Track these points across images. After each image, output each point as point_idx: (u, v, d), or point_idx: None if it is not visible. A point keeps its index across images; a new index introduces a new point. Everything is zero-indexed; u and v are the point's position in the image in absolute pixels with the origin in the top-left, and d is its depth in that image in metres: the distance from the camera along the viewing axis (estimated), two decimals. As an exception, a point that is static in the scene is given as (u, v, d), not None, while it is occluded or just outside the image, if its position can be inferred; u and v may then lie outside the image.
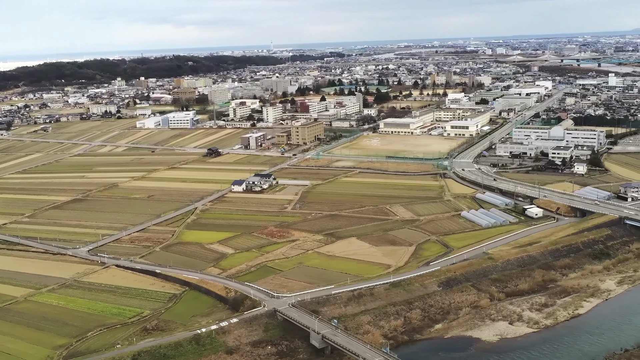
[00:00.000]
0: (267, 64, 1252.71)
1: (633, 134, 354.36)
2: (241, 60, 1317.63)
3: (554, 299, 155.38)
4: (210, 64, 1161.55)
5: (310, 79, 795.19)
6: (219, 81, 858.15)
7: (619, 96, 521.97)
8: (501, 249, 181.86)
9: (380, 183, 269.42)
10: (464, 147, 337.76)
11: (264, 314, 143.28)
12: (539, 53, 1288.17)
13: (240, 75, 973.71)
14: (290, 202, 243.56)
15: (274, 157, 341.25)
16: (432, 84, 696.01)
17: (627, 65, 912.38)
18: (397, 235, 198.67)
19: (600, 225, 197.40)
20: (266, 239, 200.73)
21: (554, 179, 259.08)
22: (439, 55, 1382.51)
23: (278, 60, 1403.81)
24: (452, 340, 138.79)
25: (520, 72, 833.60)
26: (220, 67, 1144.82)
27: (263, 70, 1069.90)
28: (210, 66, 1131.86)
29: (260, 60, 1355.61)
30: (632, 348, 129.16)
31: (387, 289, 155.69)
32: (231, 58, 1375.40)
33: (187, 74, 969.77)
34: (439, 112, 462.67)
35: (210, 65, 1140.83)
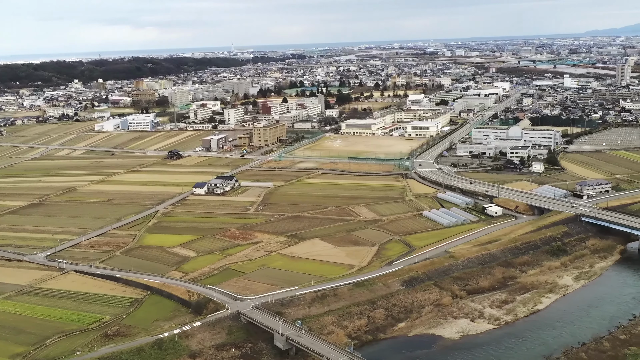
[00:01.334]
0: (228, 66, 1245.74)
1: (587, 133, 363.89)
2: (202, 62, 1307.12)
3: (514, 295, 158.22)
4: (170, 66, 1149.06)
5: (271, 81, 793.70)
6: (179, 83, 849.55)
7: (573, 97, 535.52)
8: (462, 247, 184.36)
9: (342, 184, 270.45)
10: (424, 148, 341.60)
11: (227, 316, 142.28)
12: (496, 55, 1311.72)
13: (201, 77, 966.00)
14: (252, 204, 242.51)
15: (236, 159, 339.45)
16: (393, 85, 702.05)
17: (581, 66, 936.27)
18: (360, 236, 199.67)
19: (557, 222, 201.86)
20: (229, 242, 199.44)
21: (513, 177, 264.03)
22: (399, 57, 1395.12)
23: (239, 61, 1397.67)
24: (416, 338, 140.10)
25: (479, 74, 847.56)
26: (181, 69, 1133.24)
27: (224, 72, 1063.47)
28: (170, 68, 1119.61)
29: (221, 62, 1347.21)
30: (589, 342, 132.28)
31: (350, 289, 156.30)
32: (191, 60, 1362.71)
33: (146, 76, 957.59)
34: (400, 113, 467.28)
35: (170, 67, 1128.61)
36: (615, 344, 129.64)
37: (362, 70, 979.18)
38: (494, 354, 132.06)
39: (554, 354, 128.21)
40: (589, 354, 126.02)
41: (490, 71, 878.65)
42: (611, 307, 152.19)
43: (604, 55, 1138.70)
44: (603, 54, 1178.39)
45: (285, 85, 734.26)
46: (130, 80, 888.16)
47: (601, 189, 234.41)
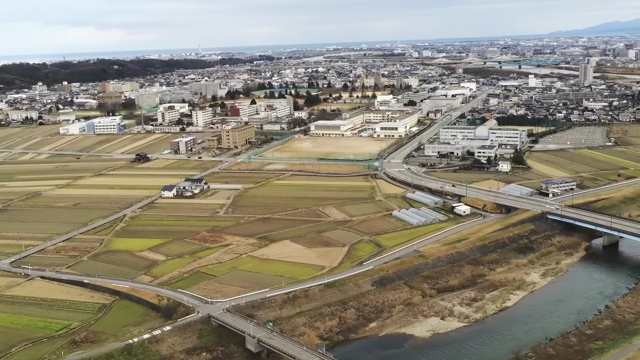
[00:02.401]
0: (196, 68, 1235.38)
1: (552, 132, 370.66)
2: (169, 64, 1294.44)
3: (483, 293, 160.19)
4: (136, 68, 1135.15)
5: (240, 83, 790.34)
6: (146, 85, 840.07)
7: (538, 97, 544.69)
8: (431, 246, 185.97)
9: (312, 185, 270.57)
10: (393, 148, 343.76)
11: (198, 320, 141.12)
12: (463, 56, 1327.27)
13: (168, 79, 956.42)
14: (222, 207, 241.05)
15: (205, 161, 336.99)
16: (362, 86, 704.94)
17: (546, 67, 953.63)
18: (330, 237, 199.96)
19: (524, 220, 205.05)
20: (199, 245, 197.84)
21: (480, 177, 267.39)
22: (367, 58, 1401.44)
23: (207, 63, 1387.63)
24: (387, 337, 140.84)
25: (446, 74, 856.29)
26: (147, 71, 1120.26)
27: (192, 73, 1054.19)
28: (137, 70, 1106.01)
29: (189, 64, 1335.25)
30: (557, 337, 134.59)
31: (321, 290, 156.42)
32: (158, 62, 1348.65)
33: (112, 78, 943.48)
34: (369, 114, 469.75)
35: (137, 69, 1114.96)
36: (582, 339, 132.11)
37: (330, 71, 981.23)
38: (465, 352, 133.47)
39: (522, 350, 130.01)
40: (556, 349, 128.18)
41: (457, 72, 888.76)
42: (578, 303, 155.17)
43: (567, 56, 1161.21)
44: (566, 55, 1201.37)
45: (253, 87, 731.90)
46: (96, 83, 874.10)
47: (566, 187, 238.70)
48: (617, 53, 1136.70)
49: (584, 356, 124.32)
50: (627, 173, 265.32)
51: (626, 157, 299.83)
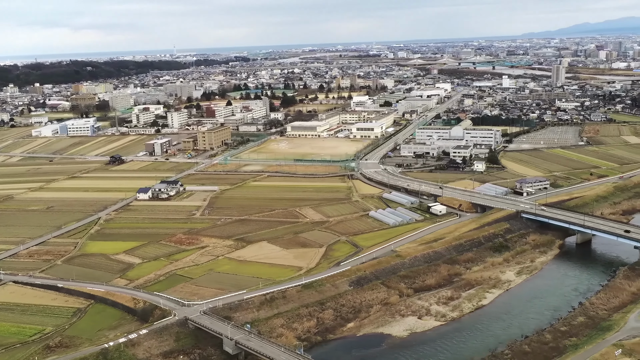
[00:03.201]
0: (171, 69, 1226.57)
1: (526, 132, 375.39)
2: (143, 65, 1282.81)
3: (459, 292, 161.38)
4: (110, 69, 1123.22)
5: (215, 84, 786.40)
6: (120, 87, 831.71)
7: (512, 97, 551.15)
8: (408, 246, 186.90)
9: (289, 186, 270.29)
10: (370, 149, 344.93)
11: (174, 323, 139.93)
12: (438, 57, 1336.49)
13: (142, 81, 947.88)
14: (198, 208, 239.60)
15: (181, 163, 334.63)
16: (337, 87, 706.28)
17: (519, 67, 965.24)
18: (307, 237, 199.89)
19: (499, 219, 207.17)
20: (175, 247, 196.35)
21: (456, 176, 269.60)
22: (343, 59, 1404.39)
23: (182, 65, 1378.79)
24: (364, 337, 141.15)
25: (421, 75, 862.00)
26: (122, 73, 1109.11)
27: (166, 75, 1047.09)
28: (111, 71, 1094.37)
29: (164, 65, 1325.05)
30: (532, 334, 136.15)
31: (299, 290, 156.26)
32: (132, 63, 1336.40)
33: (85, 80, 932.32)
34: (345, 115, 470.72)
35: (111, 71, 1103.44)
36: (557, 336, 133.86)
37: (306, 72, 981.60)
38: (442, 350, 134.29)
39: (498, 348, 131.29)
40: (531, 346, 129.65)
41: (432, 73, 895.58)
42: (553, 300, 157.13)
43: (540, 57, 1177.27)
44: (539, 56, 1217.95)
45: (229, 88, 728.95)
46: (69, 84, 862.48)
47: (540, 186, 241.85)
48: (588, 54, 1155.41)
49: (558, 353, 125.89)
50: (599, 172, 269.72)
51: (598, 156, 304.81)
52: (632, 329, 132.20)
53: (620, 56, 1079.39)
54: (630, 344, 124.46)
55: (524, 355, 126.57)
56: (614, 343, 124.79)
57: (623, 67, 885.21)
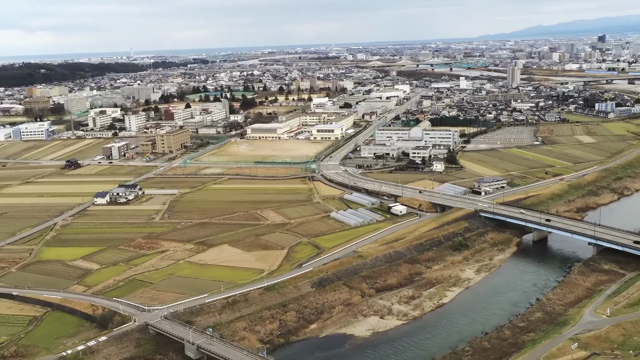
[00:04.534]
0: (128, 71, 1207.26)
1: (483, 132, 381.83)
2: (99, 68, 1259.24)
3: (420, 290, 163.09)
4: (65, 72, 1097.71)
5: (174, 86, 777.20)
6: (75, 90, 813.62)
7: (469, 98, 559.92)
8: (370, 246, 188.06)
9: (250, 188, 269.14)
10: (330, 150, 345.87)
11: (135, 329, 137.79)
12: (396, 58, 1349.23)
13: (99, 83, 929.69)
14: (158, 212, 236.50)
15: (139, 166, 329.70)
16: (297, 89, 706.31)
17: (476, 69, 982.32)
18: (269, 240, 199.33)
19: (458, 218, 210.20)
20: (134, 252, 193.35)
21: (416, 177, 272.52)
22: (302, 61, 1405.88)
23: (139, 67, 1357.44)
24: (327, 338, 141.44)
25: (380, 77, 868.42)
26: (77, 75, 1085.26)
27: (123, 77, 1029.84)
28: (66, 74, 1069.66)
29: (120, 68, 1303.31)
30: (492, 331, 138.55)
31: (261, 293, 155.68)
32: (88, 65, 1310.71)
33: (39, 83, 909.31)
34: (305, 117, 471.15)
35: (66, 73, 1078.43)
36: (515, 332, 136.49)
37: (266, 74, 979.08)
38: (404, 349, 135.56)
39: (459, 345, 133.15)
40: (491, 343, 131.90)
41: (391, 74, 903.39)
42: (511, 296, 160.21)
43: (496, 59, 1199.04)
44: (495, 57, 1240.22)
45: (188, 91, 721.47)
46: (22, 87, 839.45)
47: (497, 185, 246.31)
48: (542, 56, 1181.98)
49: (517, 348, 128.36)
50: (553, 171, 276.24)
51: (552, 155, 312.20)
52: (587, 323, 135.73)
53: (572, 58, 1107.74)
54: (585, 337, 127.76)
55: (484, 351, 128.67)
56: (570, 337, 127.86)
57: (575, 68, 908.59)
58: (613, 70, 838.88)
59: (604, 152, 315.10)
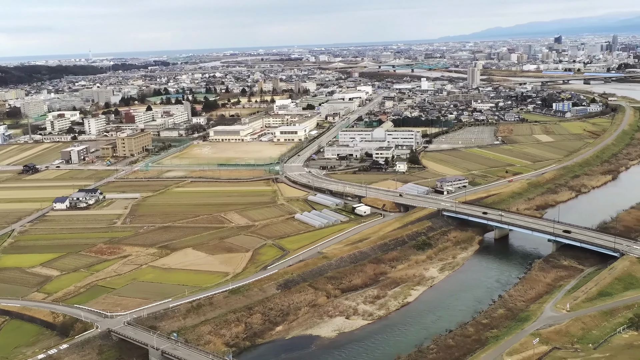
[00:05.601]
0: (87, 74, 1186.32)
1: (445, 133, 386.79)
2: (57, 70, 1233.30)
3: (385, 290, 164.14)
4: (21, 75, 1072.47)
5: (134, 89, 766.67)
6: (32, 93, 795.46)
7: (431, 99, 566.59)
8: (334, 247, 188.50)
9: (213, 191, 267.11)
10: (294, 152, 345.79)
11: (97, 335, 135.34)
12: (358, 60, 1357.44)
13: (56, 86, 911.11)
14: (119, 217, 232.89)
15: (100, 170, 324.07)
16: (260, 91, 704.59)
17: (437, 70, 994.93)
18: (233, 242, 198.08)
19: (421, 218, 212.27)
20: (95, 257, 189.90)
21: (379, 177, 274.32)
22: (264, 63, 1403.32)
23: (98, 69, 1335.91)
24: (293, 340, 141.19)
25: (343, 78, 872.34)
26: (34, 78, 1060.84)
27: (82, 80, 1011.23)
28: (22, 77, 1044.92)
29: (79, 70, 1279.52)
30: (455, 328, 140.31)
31: (226, 296, 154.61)
32: (45, 68, 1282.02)
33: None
34: (268, 119, 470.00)
35: (22, 76, 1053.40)
36: (479, 328, 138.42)
37: (228, 76, 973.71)
38: (370, 348, 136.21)
39: (424, 343, 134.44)
40: (455, 340, 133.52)
41: (353, 76, 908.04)
42: (475, 293, 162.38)
43: (456, 60, 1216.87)
44: (455, 59, 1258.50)
45: (149, 93, 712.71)
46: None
47: (459, 184, 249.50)
48: (501, 57, 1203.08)
49: (480, 344, 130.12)
50: (514, 169, 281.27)
51: (512, 154, 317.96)
52: (548, 318, 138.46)
53: (530, 59, 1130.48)
54: (546, 332, 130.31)
55: (448, 348, 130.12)
56: (532, 332, 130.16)
57: (533, 69, 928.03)
58: (569, 71, 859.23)
59: (562, 150, 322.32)
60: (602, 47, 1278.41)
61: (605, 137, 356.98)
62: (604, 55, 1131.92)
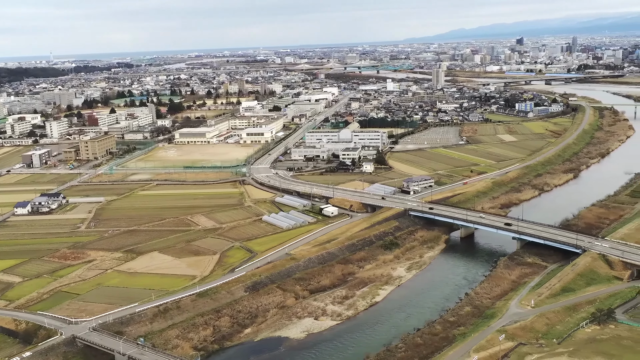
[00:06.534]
0: (48, 76, 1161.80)
1: (410, 133, 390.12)
2: (17, 72, 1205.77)
3: (354, 290, 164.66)
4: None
5: (97, 91, 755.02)
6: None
7: (396, 100, 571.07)
8: (302, 248, 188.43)
9: (179, 194, 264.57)
10: (260, 153, 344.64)
11: (61, 342, 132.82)
12: (324, 61, 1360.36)
13: (16, 89, 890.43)
14: (83, 221, 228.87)
15: (62, 174, 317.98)
16: (226, 93, 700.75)
17: (402, 71, 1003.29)
18: (200, 245, 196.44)
19: (388, 218, 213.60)
20: (59, 263, 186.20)
21: (346, 178, 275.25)
22: (230, 65, 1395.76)
23: (60, 71, 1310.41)
24: (262, 342, 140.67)
25: (309, 80, 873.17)
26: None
27: (43, 82, 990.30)
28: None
29: (40, 72, 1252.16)
30: (423, 326, 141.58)
31: (193, 300, 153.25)
32: (5, 70, 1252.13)
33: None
34: (234, 120, 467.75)
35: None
36: (446, 326, 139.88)
37: (193, 78, 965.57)
38: (339, 348, 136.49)
39: (393, 342, 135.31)
40: (423, 338, 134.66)
41: (319, 77, 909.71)
42: (442, 292, 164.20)
43: (421, 61, 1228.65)
44: (420, 60, 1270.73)
45: (112, 96, 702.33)
46: None
47: (425, 184, 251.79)
48: (464, 58, 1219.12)
49: (448, 342, 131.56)
50: (478, 169, 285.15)
51: (477, 154, 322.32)
52: (514, 314, 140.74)
53: (493, 60, 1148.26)
54: (512, 328, 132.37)
55: (416, 347, 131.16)
56: (498, 329, 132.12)
57: (496, 70, 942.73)
58: (531, 72, 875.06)
59: (525, 150, 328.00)
60: (563, 49, 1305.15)
61: (566, 136, 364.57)
62: (564, 57, 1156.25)
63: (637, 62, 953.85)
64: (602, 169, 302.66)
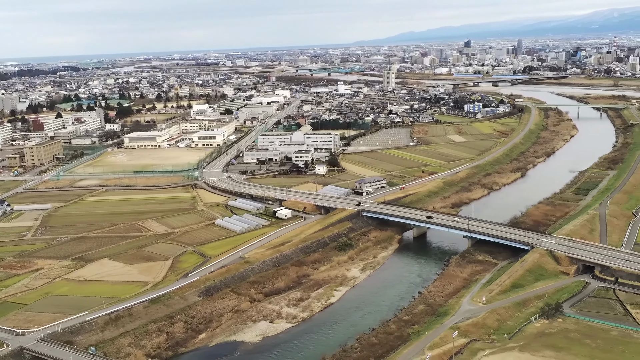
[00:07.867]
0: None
1: (362, 135, 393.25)
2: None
3: (308, 292, 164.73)
4: None
5: (42, 95, 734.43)
6: None
7: (348, 102, 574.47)
8: (256, 251, 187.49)
9: (130, 199, 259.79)
10: (212, 157, 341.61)
11: (8, 354, 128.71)
12: (275, 64, 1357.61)
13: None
14: (29, 229, 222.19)
15: (6, 181, 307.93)
16: (176, 96, 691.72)
17: (353, 74, 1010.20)
18: (152, 251, 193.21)
19: (342, 219, 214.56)
20: (4, 272, 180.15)
21: (299, 180, 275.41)
22: (180, 68, 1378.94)
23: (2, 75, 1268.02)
24: (217, 347, 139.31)
25: (260, 82, 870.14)
26: None
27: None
28: None
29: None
30: (378, 326, 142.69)
31: (146, 306, 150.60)
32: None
33: None
34: (185, 124, 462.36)
35: None
36: (400, 325, 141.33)
37: (142, 81, 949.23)
38: (294, 350, 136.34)
39: (348, 342, 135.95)
40: (378, 338, 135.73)
41: (271, 80, 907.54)
42: (396, 291, 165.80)
43: (372, 63, 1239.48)
44: (370, 62, 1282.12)
45: (58, 100, 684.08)
46: None
47: (378, 185, 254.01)
48: (414, 60, 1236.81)
49: (402, 341, 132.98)
50: (429, 169, 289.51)
51: (428, 154, 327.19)
52: (466, 311, 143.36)
53: (442, 62, 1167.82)
54: (464, 325, 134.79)
55: (371, 346, 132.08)
56: (451, 326, 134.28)
57: (445, 72, 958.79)
58: (479, 74, 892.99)
59: (474, 150, 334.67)
60: (509, 51, 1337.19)
61: (513, 136, 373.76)
62: (510, 59, 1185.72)
63: (579, 64, 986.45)
64: (548, 167, 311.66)
